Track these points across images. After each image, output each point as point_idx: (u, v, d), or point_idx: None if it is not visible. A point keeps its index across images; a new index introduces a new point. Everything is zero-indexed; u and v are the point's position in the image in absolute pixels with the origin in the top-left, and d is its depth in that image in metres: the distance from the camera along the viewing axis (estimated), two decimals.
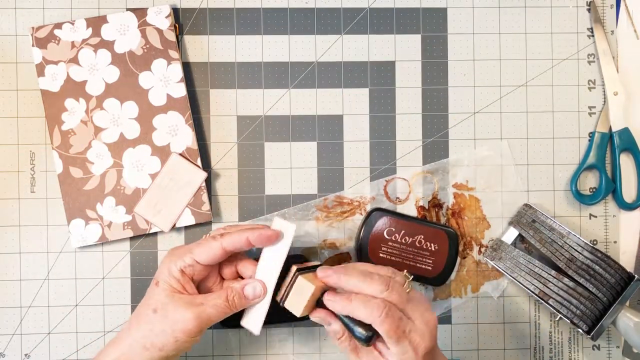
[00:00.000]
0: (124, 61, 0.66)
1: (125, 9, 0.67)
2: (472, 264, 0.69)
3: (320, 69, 0.68)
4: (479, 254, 0.69)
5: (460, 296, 0.68)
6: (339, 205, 0.68)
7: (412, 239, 0.66)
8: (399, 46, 0.69)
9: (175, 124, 0.66)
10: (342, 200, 0.68)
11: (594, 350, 0.69)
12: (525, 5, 0.70)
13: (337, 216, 0.68)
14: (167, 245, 0.67)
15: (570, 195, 0.69)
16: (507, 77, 0.69)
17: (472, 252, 0.69)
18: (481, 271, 0.69)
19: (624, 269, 0.65)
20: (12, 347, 0.66)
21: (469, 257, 0.69)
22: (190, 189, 0.66)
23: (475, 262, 0.69)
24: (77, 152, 0.65)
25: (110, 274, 0.67)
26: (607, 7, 0.70)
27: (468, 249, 0.69)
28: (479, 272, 0.69)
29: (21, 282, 0.66)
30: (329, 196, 0.68)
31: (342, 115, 0.68)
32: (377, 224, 0.65)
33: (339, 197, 0.68)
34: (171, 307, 0.54)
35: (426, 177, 0.68)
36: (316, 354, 0.68)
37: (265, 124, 0.68)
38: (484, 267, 0.69)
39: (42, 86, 0.65)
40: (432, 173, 0.68)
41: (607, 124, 0.69)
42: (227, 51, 0.68)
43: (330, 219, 0.68)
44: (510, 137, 0.69)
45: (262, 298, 0.57)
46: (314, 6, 0.69)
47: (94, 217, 0.65)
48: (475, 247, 0.69)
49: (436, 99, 0.69)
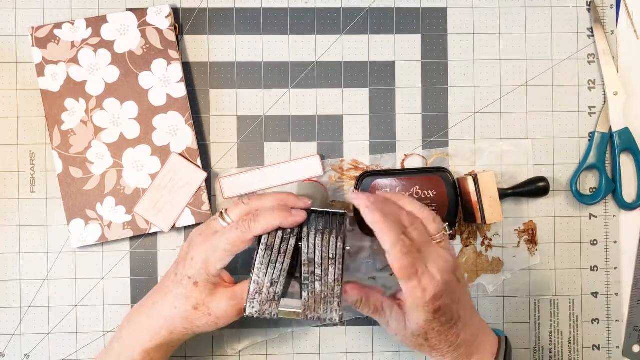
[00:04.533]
0: (124, 61, 0.66)
1: (125, 9, 0.67)
2: (472, 253, 0.69)
3: (320, 69, 0.68)
4: (481, 245, 0.69)
5: None
6: (354, 169, 0.68)
7: (409, 193, 0.66)
8: (399, 46, 0.69)
9: (175, 124, 0.66)
10: (358, 165, 0.68)
11: (594, 350, 0.69)
12: (525, 5, 0.70)
13: (350, 179, 0.68)
14: (167, 245, 0.67)
15: (571, 195, 0.69)
16: (507, 77, 0.69)
17: (476, 242, 0.69)
18: (480, 263, 0.69)
19: None
20: (12, 347, 0.66)
21: (471, 246, 0.69)
22: (190, 189, 0.66)
23: (476, 252, 0.69)
24: (77, 152, 0.65)
25: (110, 274, 0.67)
26: (607, 7, 0.70)
27: (472, 238, 0.69)
28: (478, 263, 0.69)
29: (21, 282, 0.66)
30: (345, 158, 0.68)
31: (342, 115, 0.68)
32: (370, 188, 0.66)
33: (355, 161, 0.68)
34: (214, 305, 0.56)
35: (444, 159, 0.68)
36: (316, 354, 0.68)
37: (265, 124, 0.68)
38: (484, 259, 0.69)
39: (42, 86, 0.65)
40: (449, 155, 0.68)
41: (607, 124, 0.69)
42: (227, 51, 0.68)
43: (343, 181, 0.68)
44: (510, 137, 0.69)
45: None
46: (314, 6, 0.69)
47: (93, 217, 0.65)
48: (480, 237, 0.69)
49: (436, 99, 0.69)
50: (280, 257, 0.54)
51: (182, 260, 0.57)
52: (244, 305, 0.52)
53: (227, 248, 0.55)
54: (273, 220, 0.55)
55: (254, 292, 0.53)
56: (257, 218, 0.55)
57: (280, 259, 0.54)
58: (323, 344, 0.68)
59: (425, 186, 0.66)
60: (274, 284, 0.53)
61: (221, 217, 0.57)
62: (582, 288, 0.69)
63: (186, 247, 0.58)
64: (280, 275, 0.53)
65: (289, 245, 0.55)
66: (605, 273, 0.70)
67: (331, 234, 0.55)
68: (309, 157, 0.67)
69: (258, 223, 0.55)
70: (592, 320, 0.69)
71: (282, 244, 0.55)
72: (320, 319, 0.52)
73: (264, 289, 0.53)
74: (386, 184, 0.66)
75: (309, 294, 0.52)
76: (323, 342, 0.68)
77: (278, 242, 0.55)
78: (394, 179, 0.66)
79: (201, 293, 0.56)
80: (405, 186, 0.66)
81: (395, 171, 0.67)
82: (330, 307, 0.52)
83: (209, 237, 0.57)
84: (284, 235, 0.55)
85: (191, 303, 0.56)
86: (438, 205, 0.66)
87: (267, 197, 0.57)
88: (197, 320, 0.56)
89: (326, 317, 0.52)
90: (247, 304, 0.52)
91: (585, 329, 0.69)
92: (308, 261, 0.54)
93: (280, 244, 0.55)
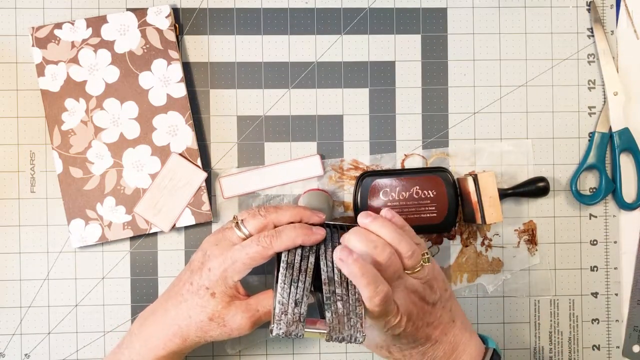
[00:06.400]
0: (124, 61, 0.66)
1: (125, 9, 0.67)
2: (472, 253, 0.69)
3: (320, 69, 0.68)
4: (481, 245, 0.69)
5: (455, 283, 0.69)
6: (354, 169, 0.68)
7: (409, 193, 0.66)
8: (399, 46, 0.69)
9: (175, 124, 0.66)
10: (358, 165, 0.68)
11: (594, 350, 0.69)
12: (525, 5, 0.70)
13: (350, 179, 0.68)
14: (167, 245, 0.67)
15: (570, 195, 0.69)
16: (507, 77, 0.69)
17: (476, 242, 0.69)
18: (480, 263, 0.69)
19: None
20: (12, 347, 0.66)
21: (471, 246, 0.69)
22: (190, 189, 0.66)
23: (476, 252, 0.69)
24: (77, 152, 0.65)
25: (110, 274, 0.67)
26: (607, 7, 0.70)
27: (472, 238, 0.69)
28: (478, 263, 0.69)
29: (21, 282, 0.66)
30: (345, 158, 0.68)
31: (342, 115, 0.68)
32: (370, 188, 0.66)
33: (355, 161, 0.68)
34: (229, 317, 0.57)
35: (444, 159, 0.68)
36: (316, 354, 0.68)
37: (265, 124, 0.68)
38: (484, 259, 0.69)
39: (42, 86, 0.65)
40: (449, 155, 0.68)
41: (607, 124, 0.69)
42: (227, 51, 0.68)
43: (343, 181, 0.68)
44: (510, 137, 0.69)
45: None
46: (314, 6, 0.69)
47: (93, 217, 0.65)
48: (479, 237, 0.69)
49: (436, 99, 0.69)
50: (302, 275, 0.55)
51: (199, 270, 0.57)
52: (271, 327, 0.52)
53: (247, 262, 0.56)
54: (295, 238, 0.55)
55: (280, 313, 0.52)
56: (279, 235, 0.56)
57: (302, 278, 0.54)
58: (323, 344, 0.68)
59: (425, 186, 0.66)
60: (298, 304, 0.53)
61: (237, 228, 0.58)
62: (582, 288, 0.69)
63: (200, 256, 0.58)
64: (303, 295, 0.53)
65: (309, 263, 0.55)
66: (605, 273, 0.70)
67: None
68: (309, 157, 0.67)
69: (280, 240, 0.55)
70: (592, 321, 0.69)
71: (302, 261, 0.55)
72: (345, 339, 0.52)
73: (289, 309, 0.53)
74: (386, 184, 0.66)
75: (332, 314, 0.52)
76: (323, 342, 0.68)
77: (298, 259, 0.55)
78: (394, 179, 0.66)
79: (217, 304, 0.56)
80: (405, 186, 0.66)
81: (395, 171, 0.67)
82: (354, 328, 0.52)
83: (227, 249, 0.57)
84: (303, 253, 0.56)
85: (207, 314, 0.56)
86: (438, 205, 0.66)
87: (284, 211, 0.58)
88: (211, 330, 0.57)
89: (350, 339, 0.52)
90: (274, 325, 0.52)
91: (585, 329, 0.69)
92: (328, 280, 0.54)
93: (300, 261, 0.55)
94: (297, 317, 0.52)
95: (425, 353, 0.56)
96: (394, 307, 0.53)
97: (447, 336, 0.57)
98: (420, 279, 0.55)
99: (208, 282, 0.56)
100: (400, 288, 0.54)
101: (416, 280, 0.55)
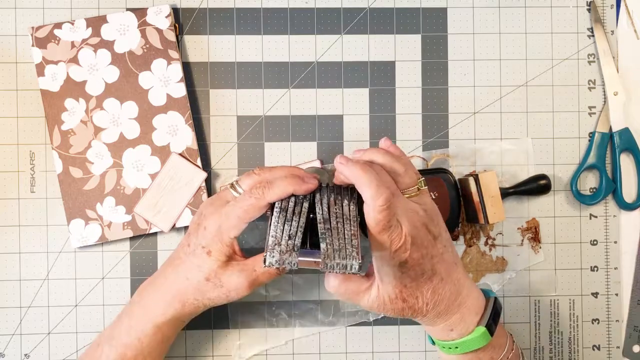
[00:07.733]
0: (124, 61, 0.66)
1: (125, 9, 0.67)
2: (476, 253, 0.69)
3: (320, 69, 0.68)
4: (485, 245, 0.69)
5: None
6: None
7: None
8: (399, 46, 0.69)
9: (175, 124, 0.66)
10: None
11: (594, 350, 0.69)
12: (525, 5, 0.70)
13: None
14: (167, 245, 0.67)
15: (571, 195, 0.69)
16: (507, 77, 0.69)
17: (479, 242, 0.69)
18: (485, 262, 0.69)
19: None
20: (12, 347, 0.66)
21: (474, 246, 0.69)
22: (190, 189, 0.66)
23: (480, 252, 0.69)
24: (77, 152, 0.65)
25: (110, 274, 0.67)
26: (607, 7, 0.70)
27: (475, 238, 0.69)
28: (482, 263, 0.69)
29: (21, 282, 0.66)
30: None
31: (342, 115, 0.68)
32: None
33: None
34: (225, 277, 0.56)
35: (445, 160, 0.68)
36: (316, 354, 0.68)
37: (265, 124, 0.68)
38: (488, 259, 0.69)
39: (42, 86, 0.65)
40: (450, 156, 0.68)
41: (607, 124, 0.69)
42: (227, 51, 0.68)
43: None
44: (510, 137, 0.69)
45: None
46: (314, 6, 0.69)
47: (93, 217, 0.65)
48: (483, 237, 0.69)
49: (436, 99, 0.69)
50: (295, 217, 0.54)
51: (194, 231, 0.57)
52: (264, 256, 0.50)
53: (241, 215, 0.55)
54: (286, 187, 0.55)
55: (272, 244, 0.51)
56: (271, 185, 0.55)
57: (296, 218, 0.53)
58: (323, 344, 0.68)
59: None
60: (292, 237, 0.51)
61: (232, 188, 0.58)
62: (582, 288, 0.69)
63: (196, 218, 0.58)
64: (297, 231, 0.52)
65: (302, 208, 0.54)
66: (605, 273, 0.69)
67: (343, 200, 0.55)
68: (309, 162, 0.67)
69: (272, 190, 0.55)
70: (592, 321, 0.69)
71: (296, 207, 0.55)
72: (339, 265, 0.50)
73: (282, 241, 0.51)
74: None
75: (327, 245, 0.51)
76: (323, 342, 0.68)
77: (292, 205, 0.55)
78: None
79: (214, 263, 0.56)
80: None
81: None
82: (350, 256, 0.50)
83: (221, 206, 0.57)
84: (297, 200, 0.55)
85: (203, 273, 0.56)
86: (440, 206, 0.65)
87: (279, 170, 0.57)
88: (208, 291, 0.57)
89: (346, 264, 0.49)
90: (267, 254, 0.50)
91: (585, 329, 0.69)
92: (323, 220, 0.53)
93: (294, 207, 0.55)
94: (291, 247, 0.51)
95: (435, 291, 0.54)
96: (397, 224, 0.51)
97: (451, 277, 0.55)
98: (420, 204, 0.54)
99: (204, 240, 0.56)
100: (401, 206, 0.53)
101: (416, 205, 0.54)
